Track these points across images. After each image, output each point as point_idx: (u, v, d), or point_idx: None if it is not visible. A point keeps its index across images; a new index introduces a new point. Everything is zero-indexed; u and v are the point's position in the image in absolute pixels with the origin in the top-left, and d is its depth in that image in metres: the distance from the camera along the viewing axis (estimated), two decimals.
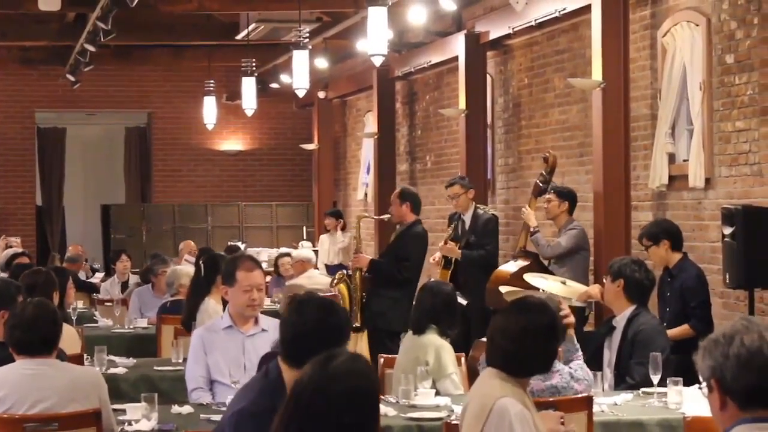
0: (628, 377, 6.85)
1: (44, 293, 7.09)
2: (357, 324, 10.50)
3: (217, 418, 5.85)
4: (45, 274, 7.78)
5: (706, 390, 3.09)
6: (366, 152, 18.19)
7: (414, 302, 7.82)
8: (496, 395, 4.43)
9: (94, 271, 16.92)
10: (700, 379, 3.12)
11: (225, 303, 6.91)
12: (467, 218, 10.92)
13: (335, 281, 10.98)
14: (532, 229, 10.25)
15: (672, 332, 7.61)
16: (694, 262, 8.60)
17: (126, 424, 5.82)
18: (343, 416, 3.24)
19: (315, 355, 4.42)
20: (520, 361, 4.53)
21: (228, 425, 4.39)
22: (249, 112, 16.03)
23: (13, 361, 5.45)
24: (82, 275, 15.35)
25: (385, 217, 11.75)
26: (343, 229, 16.89)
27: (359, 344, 10.53)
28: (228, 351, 6.50)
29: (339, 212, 17.42)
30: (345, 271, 11.14)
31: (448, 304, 7.28)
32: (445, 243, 10.84)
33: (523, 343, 4.52)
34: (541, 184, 10.46)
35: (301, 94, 13.54)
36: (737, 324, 3.07)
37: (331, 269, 15.67)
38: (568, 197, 10.16)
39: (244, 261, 6.67)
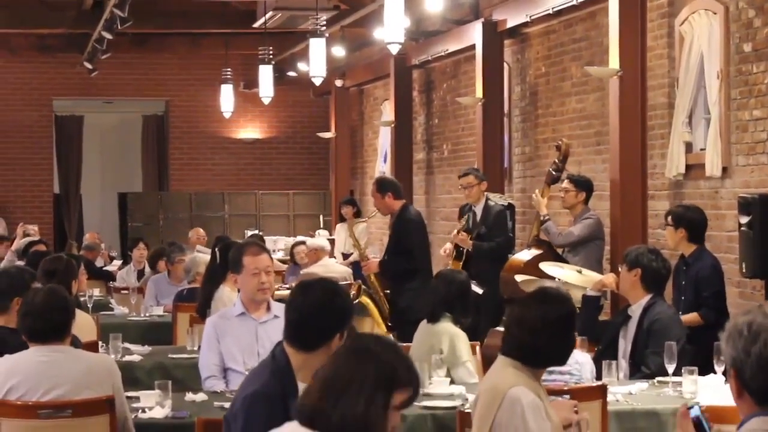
0: (643, 367, 6.82)
1: (64, 280, 7.10)
2: (390, 324, 10.48)
3: None
4: (65, 261, 7.73)
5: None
6: (383, 141, 18.17)
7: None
8: (508, 384, 4.41)
9: (111, 258, 16.94)
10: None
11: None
12: (478, 210, 10.87)
13: (354, 295, 10.81)
14: (542, 218, 10.22)
15: (682, 318, 7.56)
16: (711, 252, 8.55)
17: (140, 411, 5.83)
18: None
19: (321, 338, 4.45)
20: (537, 352, 4.51)
21: (240, 408, 4.37)
22: (266, 101, 16.05)
23: (27, 348, 5.45)
24: (100, 262, 15.37)
25: (373, 215, 11.64)
26: (357, 216, 16.80)
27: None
28: (241, 338, 6.49)
29: (354, 201, 17.38)
30: (359, 281, 11.00)
31: (462, 292, 7.27)
32: (458, 233, 10.79)
33: (540, 334, 4.49)
34: (554, 173, 10.43)
35: (317, 82, 13.55)
36: (767, 320, 3.05)
37: (347, 258, 15.65)
38: (585, 187, 10.11)
39: (249, 246, 6.67)
